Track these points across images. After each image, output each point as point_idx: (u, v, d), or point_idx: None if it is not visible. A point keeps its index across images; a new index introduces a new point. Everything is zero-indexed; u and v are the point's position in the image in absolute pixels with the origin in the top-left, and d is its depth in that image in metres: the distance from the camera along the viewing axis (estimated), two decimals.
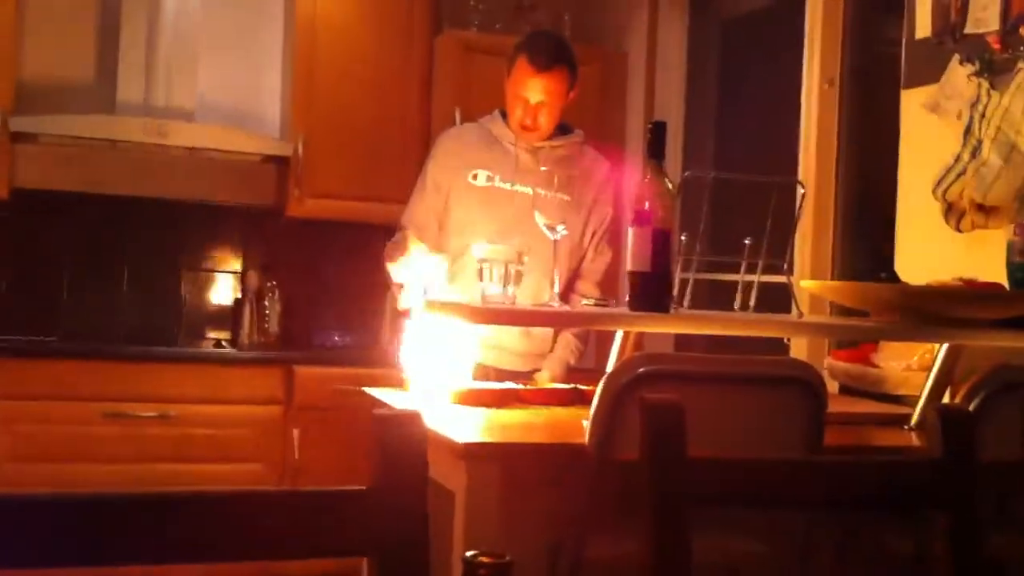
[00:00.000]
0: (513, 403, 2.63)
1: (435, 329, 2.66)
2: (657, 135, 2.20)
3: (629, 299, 2.17)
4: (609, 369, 2.23)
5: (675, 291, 2.26)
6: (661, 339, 4.09)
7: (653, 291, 2.14)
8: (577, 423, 2.18)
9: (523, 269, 2.47)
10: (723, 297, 2.61)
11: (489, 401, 2.58)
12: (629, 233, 2.16)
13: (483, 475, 2.07)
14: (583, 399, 2.68)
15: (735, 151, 4.41)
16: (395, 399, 2.61)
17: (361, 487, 1.09)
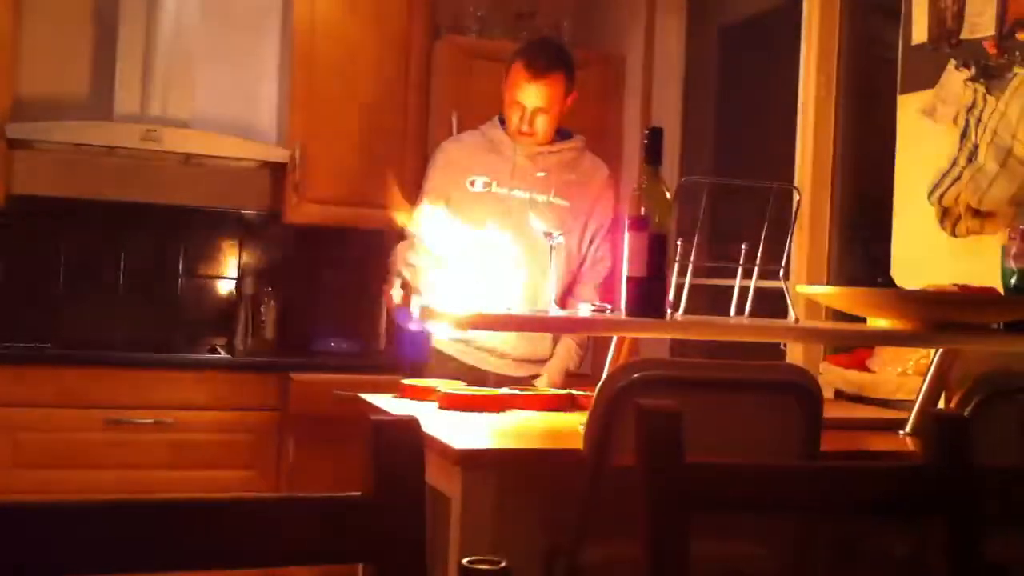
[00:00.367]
0: (506, 408, 2.63)
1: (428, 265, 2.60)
2: (654, 141, 2.21)
3: (626, 304, 2.17)
4: (604, 375, 2.23)
5: (671, 296, 2.26)
6: (657, 344, 4.09)
7: (650, 296, 2.15)
8: (574, 429, 2.19)
9: (517, 272, 2.46)
10: (719, 302, 2.61)
11: (481, 406, 2.58)
12: (626, 238, 2.17)
13: (480, 481, 2.07)
14: (576, 405, 2.68)
15: (732, 157, 4.41)
16: (392, 406, 2.61)
17: (358, 493, 1.10)
